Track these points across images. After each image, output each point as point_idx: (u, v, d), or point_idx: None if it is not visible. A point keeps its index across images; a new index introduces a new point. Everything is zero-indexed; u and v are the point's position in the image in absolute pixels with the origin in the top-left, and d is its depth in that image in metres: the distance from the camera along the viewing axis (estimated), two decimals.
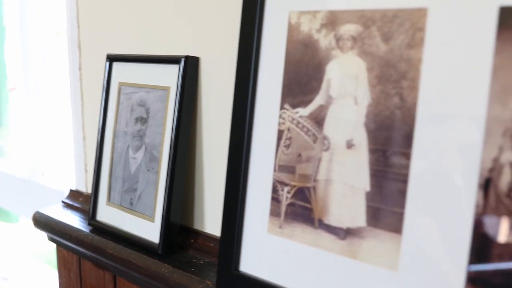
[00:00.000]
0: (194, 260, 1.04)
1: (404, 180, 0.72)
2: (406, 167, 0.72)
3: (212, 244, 1.06)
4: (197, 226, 1.10)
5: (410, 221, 0.72)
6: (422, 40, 0.71)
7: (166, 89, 1.07)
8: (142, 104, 1.12)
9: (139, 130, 1.12)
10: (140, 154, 1.12)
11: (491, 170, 0.65)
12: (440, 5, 0.69)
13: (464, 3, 0.68)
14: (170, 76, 1.06)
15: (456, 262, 0.68)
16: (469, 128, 0.67)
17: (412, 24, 0.72)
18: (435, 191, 0.70)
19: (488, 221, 0.66)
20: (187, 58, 1.03)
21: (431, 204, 0.70)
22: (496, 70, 0.65)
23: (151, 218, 1.09)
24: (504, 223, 0.64)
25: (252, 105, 0.88)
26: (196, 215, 1.10)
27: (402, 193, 0.72)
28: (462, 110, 0.68)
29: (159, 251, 1.05)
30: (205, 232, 1.08)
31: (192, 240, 1.09)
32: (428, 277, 0.71)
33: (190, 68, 1.03)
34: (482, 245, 0.66)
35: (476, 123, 0.66)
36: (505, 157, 0.64)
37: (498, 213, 0.65)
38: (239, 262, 0.91)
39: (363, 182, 0.76)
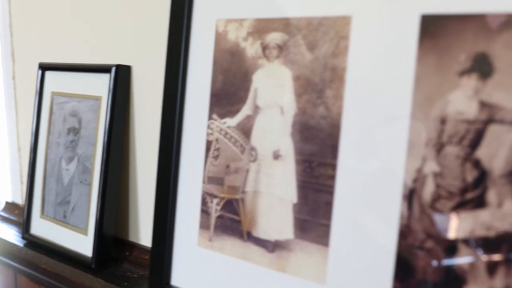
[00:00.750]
0: (128, 274, 1.00)
1: (330, 191, 0.70)
2: (332, 178, 0.70)
3: (147, 257, 1.02)
4: (132, 238, 1.06)
5: (336, 233, 0.70)
6: (346, 48, 0.69)
7: (97, 99, 1.03)
8: (74, 114, 1.08)
9: (72, 141, 1.08)
10: (72, 166, 1.08)
11: (415, 180, 0.64)
12: (364, 13, 0.67)
13: (388, 11, 0.66)
14: (102, 85, 1.02)
15: (382, 274, 0.66)
16: (393, 139, 0.65)
17: (337, 33, 0.69)
18: (360, 202, 0.67)
19: (413, 232, 0.64)
20: (118, 67, 0.99)
21: (356, 216, 0.68)
22: (418, 79, 0.63)
23: (84, 231, 1.04)
24: (428, 234, 0.63)
25: (180, 115, 0.85)
26: (131, 227, 1.06)
27: (329, 205, 0.70)
28: (385, 120, 0.65)
29: (92, 265, 1.01)
30: (140, 245, 1.04)
31: (127, 253, 1.05)
32: None
33: (122, 77, 0.99)
34: (407, 257, 0.64)
35: (399, 134, 0.64)
36: (428, 168, 0.63)
37: (422, 224, 0.63)
38: (170, 276, 0.87)
39: (290, 194, 0.74)
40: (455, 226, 0.61)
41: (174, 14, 0.85)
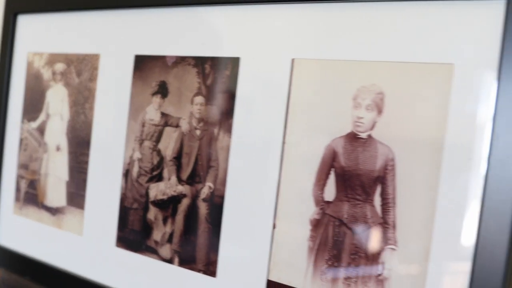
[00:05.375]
0: None
1: (85, 172, 0.96)
2: (87, 163, 0.96)
3: None
4: None
5: (89, 200, 0.96)
6: (96, 76, 0.95)
7: None
8: None
9: None
10: None
11: (129, 164, 0.90)
12: (107, 51, 0.94)
13: (118, 51, 0.92)
14: None
15: (110, 226, 0.92)
16: (113, 137, 0.91)
17: (92, 65, 0.96)
18: (100, 179, 0.94)
19: (127, 198, 0.90)
20: None
21: (100, 187, 0.94)
22: (132, 97, 0.90)
23: None
24: (135, 199, 0.89)
25: (4, 120, 1.10)
26: None
27: (84, 181, 0.96)
28: (110, 123, 0.92)
29: None
30: None
31: None
32: (102, 240, 0.94)
33: None
34: (124, 215, 0.91)
35: (119, 135, 0.91)
36: (135, 155, 0.89)
37: (132, 192, 0.90)
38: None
39: (65, 175, 1.00)
40: (147, 193, 0.88)
41: (3, 45, 1.11)
